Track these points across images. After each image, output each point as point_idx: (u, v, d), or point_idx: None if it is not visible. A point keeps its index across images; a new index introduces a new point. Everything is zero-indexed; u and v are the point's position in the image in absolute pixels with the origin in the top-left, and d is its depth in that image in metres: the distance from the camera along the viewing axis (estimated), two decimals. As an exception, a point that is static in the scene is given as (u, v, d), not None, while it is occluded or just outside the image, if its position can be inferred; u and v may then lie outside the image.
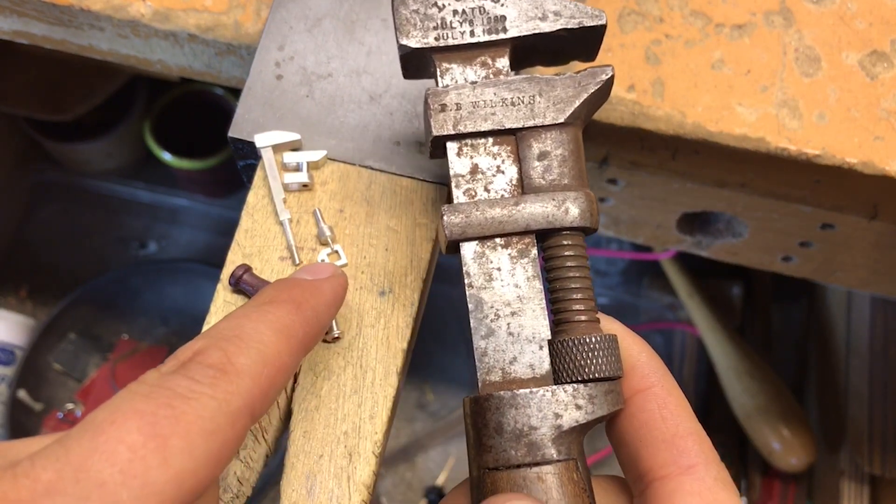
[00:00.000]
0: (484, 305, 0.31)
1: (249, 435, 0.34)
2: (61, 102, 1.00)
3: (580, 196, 0.31)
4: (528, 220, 0.31)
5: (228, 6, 0.45)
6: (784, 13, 0.45)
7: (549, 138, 0.32)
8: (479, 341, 0.31)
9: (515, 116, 0.32)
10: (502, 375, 0.30)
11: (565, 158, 0.32)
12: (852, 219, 0.50)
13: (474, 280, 0.31)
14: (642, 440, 0.30)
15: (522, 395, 0.29)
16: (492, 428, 0.29)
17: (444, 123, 0.32)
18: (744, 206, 0.52)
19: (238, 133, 0.40)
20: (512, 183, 0.32)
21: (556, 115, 0.32)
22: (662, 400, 0.30)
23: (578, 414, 0.29)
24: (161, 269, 1.15)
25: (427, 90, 0.33)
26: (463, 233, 0.31)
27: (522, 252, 0.31)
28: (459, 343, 1.14)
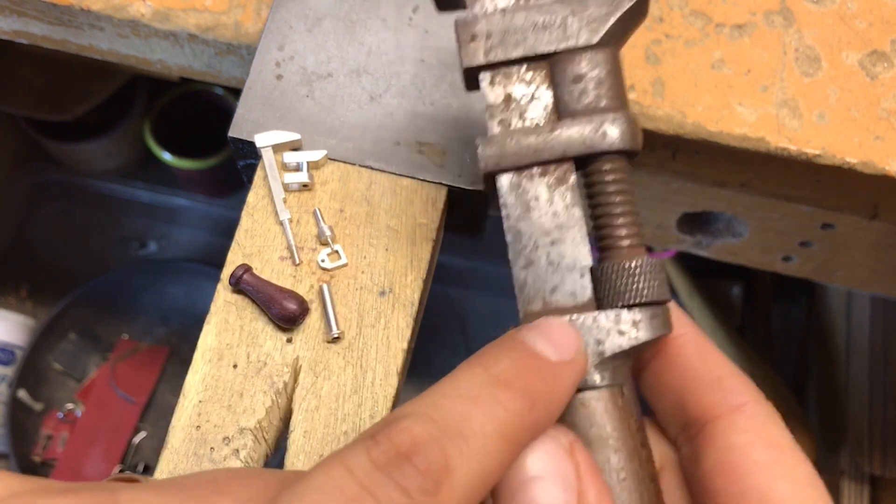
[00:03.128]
0: (522, 236, 0.30)
1: (249, 435, 0.34)
2: (61, 102, 1.00)
3: (619, 117, 0.30)
4: (565, 145, 0.30)
5: (228, 6, 0.45)
6: (784, 13, 0.45)
7: (583, 60, 0.31)
8: (518, 272, 0.30)
9: (548, 40, 0.31)
10: (543, 305, 0.30)
11: (601, 80, 0.31)
12: (852, 219, 0.50)
13: (511, 211, 0.30)
14: (686, 385, 0.29)
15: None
16: None
17: (475, 53, 0.31)
18: (744, 206, 0.52)
19: (238, 133, 0.40)
20: (547, 110, 0.31)
21: (589, 36, 0.30)
22: (700, 344, 0.30)
23: (622, 339, 0.29)
24: (161, 269, 1.15)
25: (456, 19, 0.31)
26: (497, 164, 0.30)
27: (560, 180, 0.30)
28: (459, 343, 1.14)
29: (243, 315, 0.37)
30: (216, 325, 0.36)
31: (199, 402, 0.35)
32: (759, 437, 0.28)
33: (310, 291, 0.37)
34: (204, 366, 0.36)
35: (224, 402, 0.35)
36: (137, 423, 1.10)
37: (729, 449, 0.28)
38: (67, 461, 1.06)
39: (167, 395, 1.12)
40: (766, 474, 0.27)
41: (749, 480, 0.27)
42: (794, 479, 0.27)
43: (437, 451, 0.22)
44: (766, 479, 0.27)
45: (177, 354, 1.14)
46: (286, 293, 0.36)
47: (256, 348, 0.36)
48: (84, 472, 1.06)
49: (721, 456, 0.28)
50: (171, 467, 0.34)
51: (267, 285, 0.36)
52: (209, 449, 0.34)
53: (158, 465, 0.34)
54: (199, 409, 0.35)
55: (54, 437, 1.08)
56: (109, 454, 1.07)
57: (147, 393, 1.11)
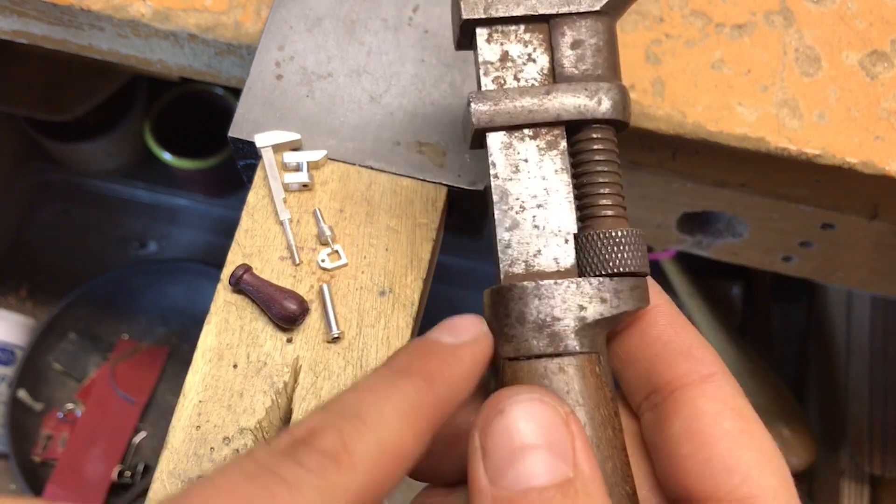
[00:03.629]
0: (509, 197, 0.30)
1: (249, 435, 0.34)
2: (61, 102, 1.00)
3: (613, 88, 0.30)
4: (559, 109, 0.30)
5: (228, 6, 0.45)
6: (784, 13, 0.45)
7: (583, 26, 0.30)
8: (502, 233, 0.30)
9: (550, 2, 0.30)
10: (525, 268, 0.30)
11: (599, 48, 0.31)
12: (852, 219, 0.50)
13: (500, 171, 0.30)
14: (658, 354, 0.30)
15: (546, 286, 0.29)
16: (514, 318, 0.29)
17: (475, 7, 0.30)
18: (744, 206, 0.52)
19: (238, 133, 0.40)
20: (543, 72, 0.31)
21: (592, 2, 0.30)
22: (672, 315, 0.30)
23: (603, 307, 0.29)
24: (161, 269, 1.15)
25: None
26: (491, 121, 0.30)
27: (551, 144, 0.30)
28: (459, 343, 1.14)
29: (243, 315, 0.37)
30: (216, 325, 0.36)
31: (199, 402, 0.35)
32: (728, 406, 0.28)
33: (310, 291, 0.37)
34: (204, 366, 0.36)
35: (224, 402, 0.35)
36: (137, 423, 1.10)
37: (697, 416, 0.28)
38: (67, 461, 1.06)
39: (167, 395, 1.12)
40: (732, 443, 0.28)
41: (716, 447, 0.28)
42: (760, 450, 0.28)
43: (333, 433, 0.23)
44: (732, 447, 0.28)
45: (177, 354, 1.14)
46: (286, 293, 0.36)
47: (256, 348, 0.36)
48: (84, 472, 1.06)
49: (689, 423, 0.28)
50: (171, 467, 0.34)
51: (267, 285, 0.36)
52: (209, 449, 0.34)
53: (158, 465, 0.34)
54: (199, 409, 0.35)
55: (54, 437, 1.08)
56: (109, 454, 1.07)
57: (147, 393, 1.11)
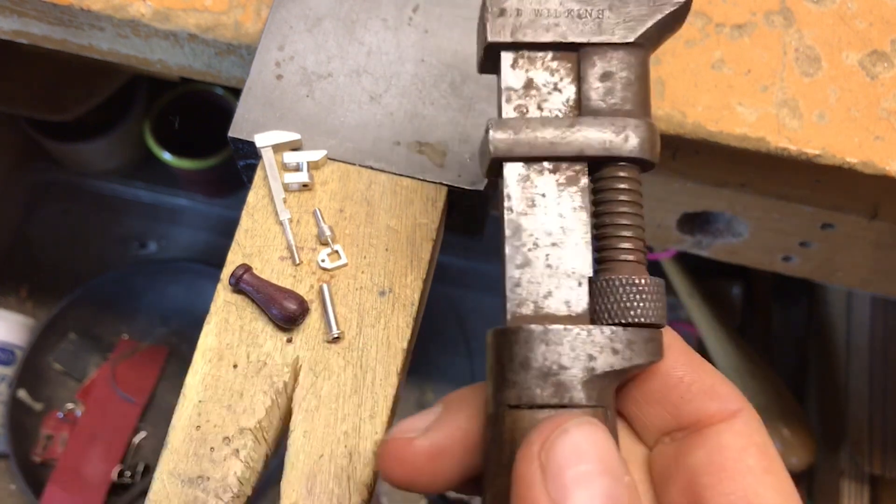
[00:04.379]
0: (522, 233, 0.28)
1: (249, 435, 0.34)
2: (61, 102, 1.00)
3: (642, 125, 0.28)
4: (583, 144, 0.28)
5: (228, 6, 0.45)
6: (784, 13, 0.45)
7: (615, 58, 0.29)
8: (512, 270, 0.28)
9: (581, 30, 0.29)
10: (534, 309, 0.28)
11: (630, 82, 0.29)
12: (852, 218, 0.50)
13: (515, 204, 0.29)
14: (683, 396, 0.29)
15: (555, 331, 0.27)
16: (518, 362, 0.27)
17: (502, 29, 0.29)
18: (744, 206, 0.52)
19: (238, 133, 0.40)
20: (568, 103, 0.29)
21: (625, 34, 0.29)
22: (688, 353, 0.30)
23: (615, 359, 0.27)
24: (161, 269, 1.15)
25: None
26: (510, 151, 0.29)
27: (571, 179, 0.29)
28: (459, 343, 1.14)
29: (243, 315, 0.37)
30: (216, 325, 0.36)
31: (199, 402, 0.35)
32: (752, 442, 0.28)
33: (310, 291, 0.37)
34: (204, 366, 0.36)
35: (224, 402, 0.35)
36: (137, 423, 1.10)
37: (721, 449, 0.28)
38: (67, 461, 1.06)
39: (167, 395, 1.12)
40: (755, 481, 0.27)
41: (739, 483, 0.27)
42: (781, 491, 0.28)
43: None
44: (755, 485, 0.27)
45: (177, 354, 1.14)
46: (286, 293, 0.36)
47: (256, 348, 0.36)
48: (84, 472, 1.06)
49: (713, 455, 0.28)
50: (171, 467, 0.34)
51: (267, 285, 0.36)
52: (209, 449, 0.34)
53: (158, 465, 0.34)
54: (199, 409, 0.35)
55: (54, 438, 1.08)
56: (109, 454, 1.07)
57: (147, 393, 1.11)
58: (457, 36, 0.42)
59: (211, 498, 0.33)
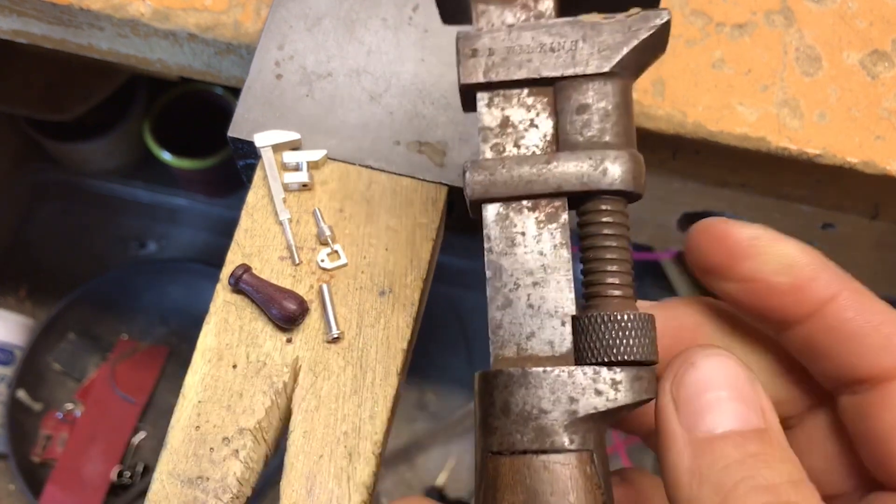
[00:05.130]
0: (503, 273, 0.28)
1: (249, 435, 0.34)
2: (61, 102, 1.00)
3: (623, 155, 0.28)
4: (560, 180, 0.28)
5: (228, 5, 0.45)
6: (785, 12, 0.45)
7: (591, 89, 0.28)
8: (494, 312, 0.28)
9: (554, 64, 0.28)
10: (517, 351, 0.27)
11: (608, 113, 0.28)
12: (853, 218, 0.50)
13: (494, 244, 0.28)
14: (851, 350, 0.28)
15: (534, 374, 0.26)
16: (498, 407, 0.27)
17: (474, 70, 0.29)
18: (744, 206, 0.52)
19: (238, 133, 0.40)
20: (546, 139, 0.29)
21: (600, 63, 0.28)
22: (859, 304, 0.29)
23: (598, 400, 0.26)
24: (161, 269, 1.15)
25: (458, 33, 0.29)
26: (486, 192, 0.28)
27: (551, 216, 0.28)
28: (459, 343, 1.14)
29: (243, 315, 0.37)
30: (216, 325, 0.36)
31: (199, 402, 0.35)
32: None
33: (309, 291, 0.37)
34: (203, 366, 0.36)
35: (224, 402, 0.35)
36: (137, 423, 1.10)
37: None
38: (67, 461, 1.06)
39: (167, 395, 1.12)
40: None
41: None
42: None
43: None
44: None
45: (176, 354, 1.14)
46: (286, 293, 0.36)
47: (256, 348, 0.36)
48: (83, 473, 1.06)
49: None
50: (171, 467, 0.34)
51: (266, 285, 0.36)
52: (209, 449, 0.34)
53: (158, 465, 0.34)
54: (199, 409, 0.35)
55: (53, 438, 1.08)
56: (109, 454, 1.07)
57: (147, 393, 1.11)
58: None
59: (210, 498, 0.33)
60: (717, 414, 0.25)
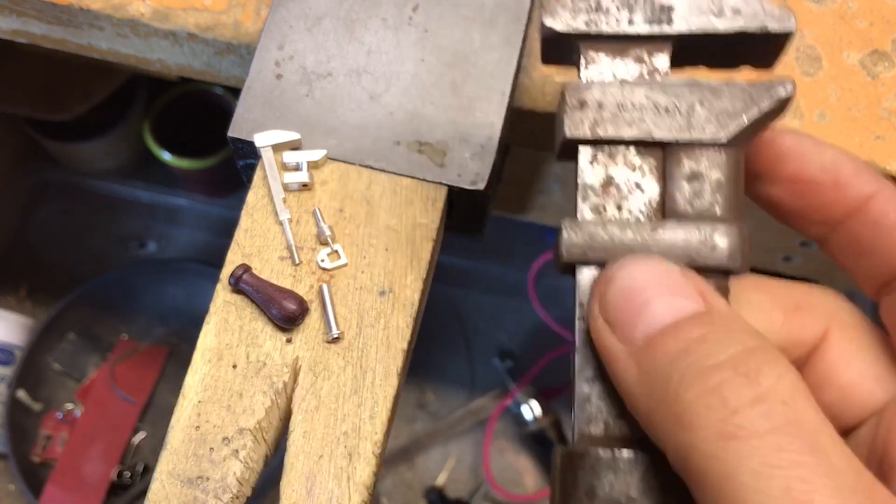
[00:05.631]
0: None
1: (249, 435, 0.34)
2: (61, 102, 1.00)
3: (732, 231, 0.26)
4: (666, 251, 0.26)
5: (228, 5, 0.45)
6: (785, 12, 0.45)
7: (704, 157, 0.27)
8: (582, 384, 0.26)
9: (668, 126, 0.27)
10: (604, 430, 0.26)
11: (721, 184, 0.27)
12: (853, 219, 0.50)
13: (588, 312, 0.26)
14: (893, 246, 0.28)
15: (625, 459, 0.24)
16: (582, 490, 0.25)
17: (581, 124, 0.27)
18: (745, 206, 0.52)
19: (237, 132, 0.40)
20: (651, 205, 0.27)
21: (717, 131, 0.26)
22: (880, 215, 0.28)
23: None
24: (161, 269, 1.15)
25: (565, 84, 0.28)
26: (584, 255, 0.27)
27: None
28: (459, 343, 1.14)
29: (243, 315, 0.37)
30: (215, 325, 0.36)
31: (199, 402, 0.35)
32: None
33: (309, 291, 0.37)
34: (203, 366, 0.36)
35: (223, 402, 0.35)
36: (137, 423, 1.10)
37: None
38: (67, 461, 1.06)
39: (167, 396, 1.12)
40: None
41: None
42: None
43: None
44: None
45: (176, 354, 1.14)
46: (286, 293, 0.36)
47: (256, 348, 0.36)
48: (83, 473, 1.06)
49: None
50: (171, 468, 0.34)
51: (266, 285, 0.36)
52: (209, 449, 0.34)
53: (158, 465, 0.34)
54: (199, 409, 0.35)
55: (53, 438, 1.08)
56: (109, 454, 1.07)
57: (146, 393, 1.11)
58: (457, 35, 0.42)
59: (210, 498, 0.33)
60: (648, 315, 0.24)
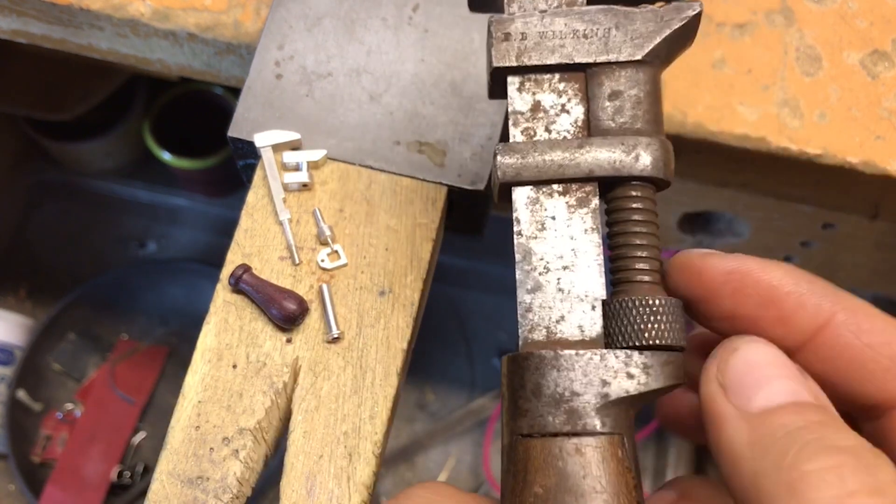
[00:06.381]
0: (533, 256, 0.28)
1: (249, 435, 0.34)
2: (61, 102, 1.00)
3: (654, 143, 0.28)
4: (592, 165, 0.28)
5: (228, 5, 0.45)
6: (785, 12, 0.45)
7: (623, 76, 0.28)
8: (523, 295, 0.28)
9: (587, 50, 0.28)
10: (546, 335, 0.27)
11: (640, 100, 0.28)
12: (853, 218, 0.50)
13: (524, 228, 0.28)
14: (855, 376, 0.27)
15: (567, 357, 0.26)
16: (529, 390, 0.26)
17: (507, 54, 0.29)
18: (745, 206, 0.52)
19: (238, 132, 0.40)
20: (577, 124, 0.29)
21: (633, 51, 0.28)
22: (856, 326, 0.27)
23: (630, 384, 0.26)
24: (161, 269, 1.15)
25: (490, 17, 0.29)
26: (517, 175, 0.28)
27: (582, 201, 0.28)
28: (459, 343, 1.14)
29: (243, 315, 0.36)
30: (216, 326, 0.36)
31: (199, 402, 0.35)
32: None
33: (309, 291, 0.37)
34: (203, 366, 0.36)
35: (223, 402, 0.35)
36: (137, 423, 1.10)
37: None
38: (66, 461, 1.06)
39: (167, 396, 1.12)
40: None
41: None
42: None
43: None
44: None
45: (176, 354, 1.14)
46: (286, 293, 0.36)
47: (256, 348, 0.36)
48: (83, 473, 1.06)
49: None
50: (171, 467, 0.34)
51: (266, 285, 0.36)
52: (209, 449, 0.34)
53: (158, 465, 0.34)
54: (199, 409, 0.35)
55: (53, 438, 1.08)
56: (109, 454, 1.07)
57: (146, 393, 1.11)
58: (457, 35, 0.42)
59: (210, 498, 0.33)
60: (768, 390, 0.24)
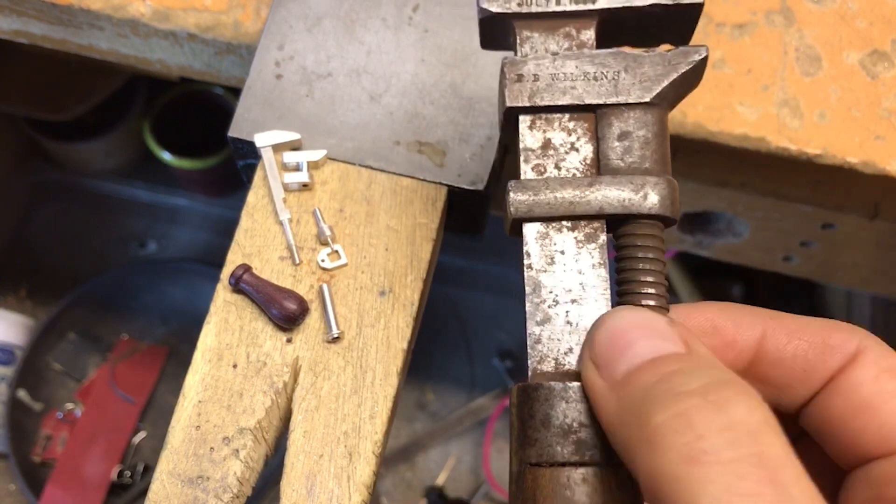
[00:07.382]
0: (542, 289, 0.29)
1: (249, 435, 0.34)
2: (61, 102, 1.00)
3: (661, 182, 0.29)
4: (602, 203, 0.29)
5: (228, 5, 0.45)
6: (785, 12, 0.45)
7: (632, 117, 0.30)
8: (533, 327, 0.29)
9: (597, 92, 0.30)
10: (555, 366, 0.28)
11: (648, 140, 0.30)
12: (853, 218, 0.50)
13: (534, 262, 0.29)
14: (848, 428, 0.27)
15: (576, 389, 0.27)
16: (538, 420, 0.27)
17: (520, 94, 0.30)
18: (744, 206, 0.52)
19: (238, 133, 0.40)
20: (586, 162, 0.30)
21: (641, 94, 0.30)
22: (877, 384, 0.27)
23: None
24: (161, 269, 1.15)
25: (504, 59, 0.31)
26: (529, 211, 0.29)
27: (590, 237, 0.30)
28: (459, 343, 1.14)
29: (243, 315, 0.37)
30: (216, 325, 0.36)
31: (199, 402, 0.35)
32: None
33: (310, 291, 0.37)
34: (204, 366, 0.36)
35: (224, 402, 0.35)
36: (137, 423, 1.10)
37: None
38: (67, 461, 1.06)
39: (167, 395, 1.12)
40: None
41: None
42: None
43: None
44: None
45: (177, 354, 1.14)
46: (286, 293, 0.36)
47: (256, 348, 0.36)
48: (83, 472, 1.06)
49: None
50: (171, 467, 0.34)
51: (267, 285, 0.36)
52: (209, 449, 0.34)
53: (158, 465, 0.34)
54: (199, 409, 0.35)
55: (54, 438, 1.08)
56: (109, 454, 1.07)
57: (147, 393, 1.11)
58: (457, 35, 0.42)
59: (210, 498, 0.33)
60: (630, 353, 0.25)
